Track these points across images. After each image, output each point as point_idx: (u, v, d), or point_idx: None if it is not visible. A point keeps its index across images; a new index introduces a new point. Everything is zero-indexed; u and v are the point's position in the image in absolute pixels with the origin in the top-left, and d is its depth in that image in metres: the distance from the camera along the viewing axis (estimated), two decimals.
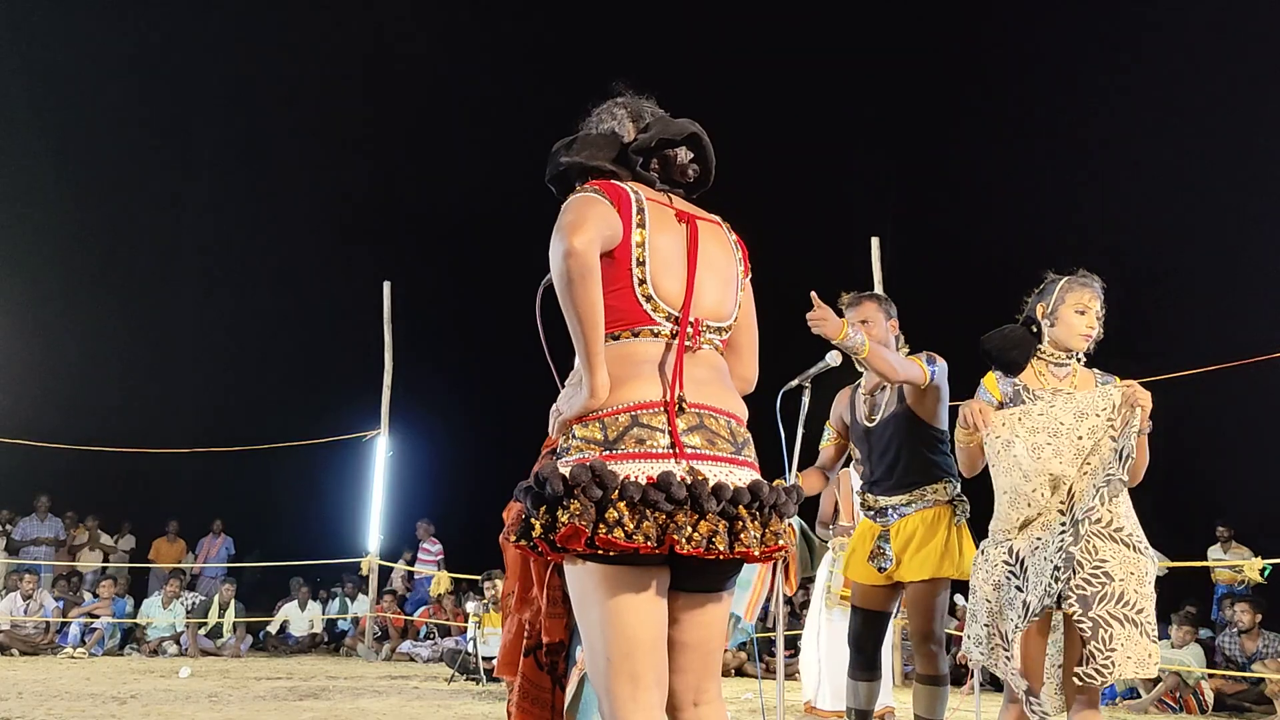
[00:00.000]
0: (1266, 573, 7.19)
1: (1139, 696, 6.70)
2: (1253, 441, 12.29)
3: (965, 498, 3.70)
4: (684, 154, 2.08)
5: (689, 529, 1.76)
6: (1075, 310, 3.14)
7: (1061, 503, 2.96)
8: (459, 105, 18.99)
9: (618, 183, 1.98)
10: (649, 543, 1.73)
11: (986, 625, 3.02)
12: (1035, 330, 3.22)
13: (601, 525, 1.73)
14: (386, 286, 10.95)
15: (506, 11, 18.80)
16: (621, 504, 1.74)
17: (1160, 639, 7.36)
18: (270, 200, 18.58)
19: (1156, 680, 6.69)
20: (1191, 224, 14.31)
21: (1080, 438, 2.97)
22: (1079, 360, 3.20)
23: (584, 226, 1.83)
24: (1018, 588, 2.94)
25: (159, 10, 17.93)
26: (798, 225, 14.83)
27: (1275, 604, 8.37)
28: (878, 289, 8.12)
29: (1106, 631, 2.82)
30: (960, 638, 8.14)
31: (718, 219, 2.13)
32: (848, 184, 16.32)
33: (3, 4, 15.84)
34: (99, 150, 17.63)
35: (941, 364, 3.67)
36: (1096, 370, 3.22)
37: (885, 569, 3.68)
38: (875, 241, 8.43)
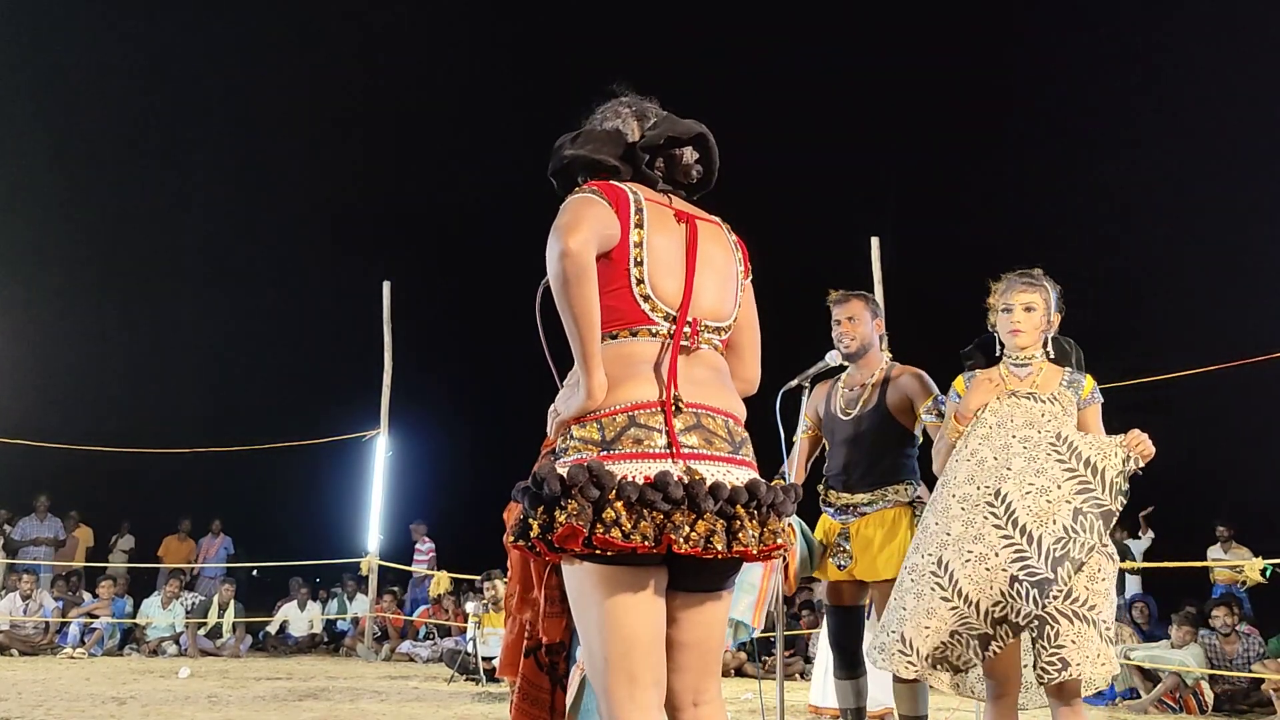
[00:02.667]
0: (1268, 573, 7.17)
1: (1139, 696, 6.70)
2: (1253, 441, 12.29)
3: (925, 500, 3.70)
4: (689, 154, 2.08)
5: (686, 528, 1.76)
6: (1002, 309, 3.22)
7: (996, 517, 2.93)
8: (459, 106, 18.99)
9: (617, 183, 1.98)
10: (646, 542, 1.74)
11: (896, 631, 2.99)
12: (970, 351, 3.35)
13: (599, 525, 1.73)
14: (386, 286, 10.94)
15: (507, 13, 18.79)
16: (619, 504, 1.74)
17: (1160, 639, 7.36)
18: (270, 201, 18.59)
19: (1157, 680, 6.69)
20: (1191, 224, 14.31)
21: (1013, 438, 3.02)
22: (1044, 358, 3.23)
23: (579, 227, 1.83)
24: (944, 598, 2.91)
25: (157, 14, 17.94)
26: (798, 225, 14.84)
27: (1276, 604, 8.37)
28: (878, 289, 8.11)
29: (1053, 628, 2.81)
30: None
31: (717, 220, 2.13)
32: (848, 184, 16.31)
33: (3, 6, 15.82)
34: (98, 151, 17.62)
35: (940, 395, 3.74)
36: (1067, 369, 3.23)
37: (845, 566, 3.70)
38: (875, 241, 8.41)
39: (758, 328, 2.16)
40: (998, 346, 3.29)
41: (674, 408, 1.86)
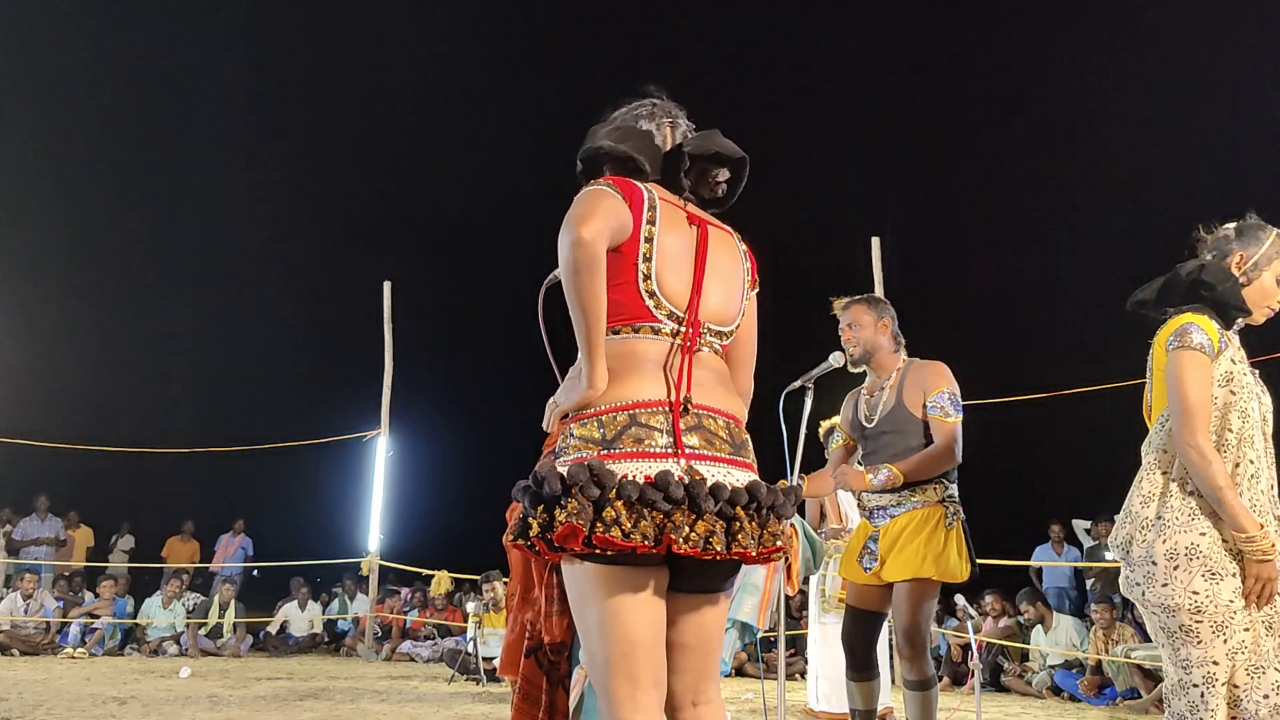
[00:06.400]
0: None
1: (1140, 696, 6.69)
2: None
3: (958, 500, 3.65)
4: (722, 174, 2.09)
5: (686, 529, 1.76)
6: (1278, 278, 2.58)
7: None
8: (459, 108, 18.99)
9: (634, 180, 1.98)
10: (646, 542, 1.73)
11: None
12: (1209, 280, 2.58)
13: (599, 524, 1.72)
14: (386, 286, 10.94)
15: (506, 18, 18.80)
16: (619, 503, 1.74)
17: None
18: (270, 202, 18.59)
19: (1158, 680, 6.69)
20: (1192, 223, 14.29)
21: (1264, 421, 2.53)
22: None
23: (593, 218, 1.83)
24: None
25: (156, 15, 17.93)
26: (798, 225, 14.84)
27: None
28: (878, 289, 8.11)
29: None
30: (953, 638, 8.13)
31: (729, 229, 2.13)
32: (848, 184, 16.31)
33: (3, 5, 15.81)
34: (97, 151, 17.62)
35: (957, 392, 3.67)
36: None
37: (871, 568, 3.65)
38: (876, 241, 8.42)
39: (755, 342, 2.16)
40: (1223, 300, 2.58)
41: (682, 408, 1.86)
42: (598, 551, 1.75)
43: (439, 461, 15.58)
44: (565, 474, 1.74)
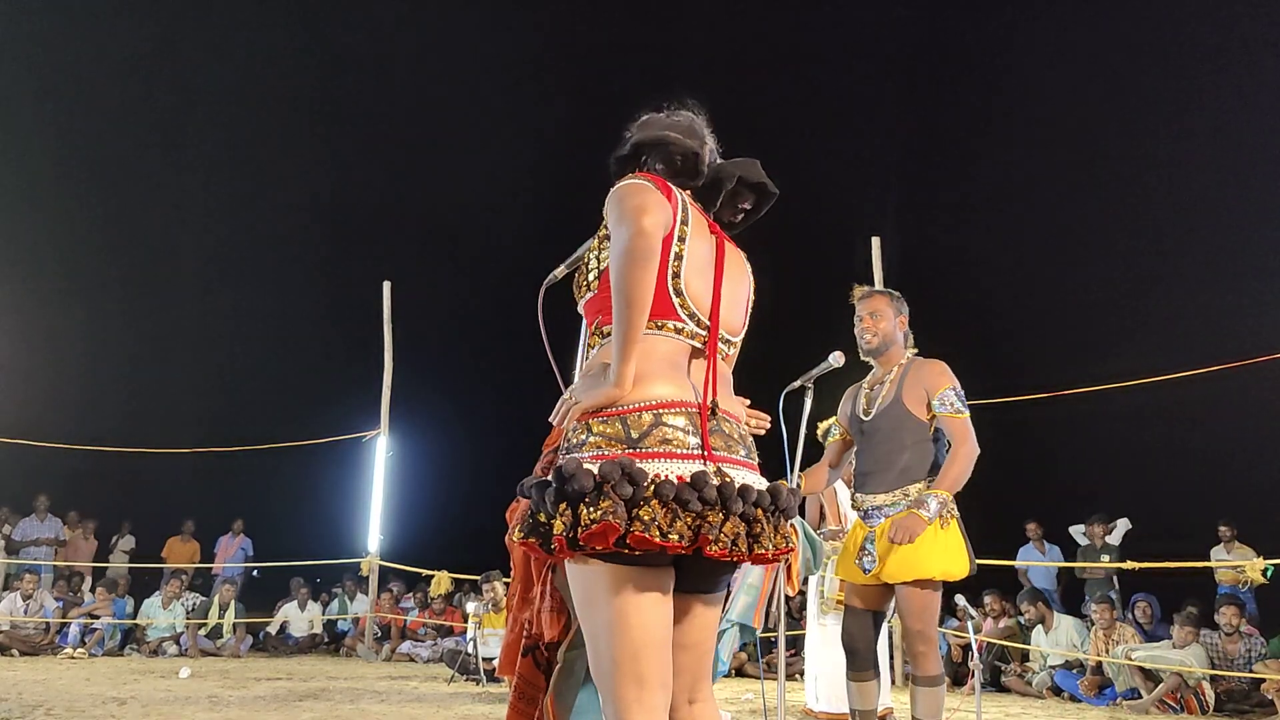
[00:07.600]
0: (1269, 573, 7.17)
1: (1140, 696, 6.69)
2: (1255, 440, 12.28)
3: (952, 498, 3.64)
4: (750, 201, 2.13)
5: (717, 529, 1.76)
6: None
7: None
8: (459, 107, 18.98)
9: (670, 182, 2.00)
10: (682, 542, 1.73)
11: None
12: None
13: (637, 524, 1.71)
14: (386, 286, 10.95)
15: (506, 18, 18.80)
16: (655, 502, 1.73)
17: (1162, 639, 7.35)
18: (270, 201, 18.59)
19: (1158, 680, 6.68)
20: (1199, 222, 14.30)
21: None
22: None
23: (652, 210, 1.84)
24: None
25: (159, 12, 17.94)
26: (798, 225, 14.84)
27: (1277, 605, 8.36)
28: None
29: None
30: (953, 638, 8.14)
31: (739, 249, 2.15)
32: (848, 184, 16.31)
33: (3, 5, 15.81)
34: (100, 151, 17.63)
35: (960, 389, 3.67)
36: None
37: (870, 570, 3.65)
38: (876, 241, 8.43)
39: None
40: None
41: (711, 411, 1.87)
42: (625, 551, 1.73)
43: (439, 461, 15.58)
44: (597, 471, 1.72)
